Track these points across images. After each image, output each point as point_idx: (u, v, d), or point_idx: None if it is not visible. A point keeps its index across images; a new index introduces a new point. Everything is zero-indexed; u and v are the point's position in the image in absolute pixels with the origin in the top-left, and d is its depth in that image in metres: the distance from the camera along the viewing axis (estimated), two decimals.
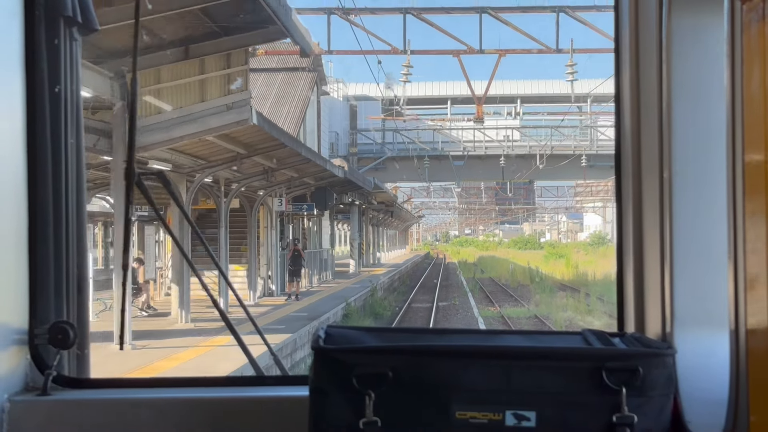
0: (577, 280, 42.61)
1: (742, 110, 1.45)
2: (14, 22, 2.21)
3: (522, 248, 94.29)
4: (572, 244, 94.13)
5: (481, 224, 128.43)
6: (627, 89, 2.01)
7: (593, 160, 43.46)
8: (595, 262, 49.53)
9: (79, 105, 2.42)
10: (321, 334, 1.74)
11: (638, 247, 1.98)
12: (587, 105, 44.77)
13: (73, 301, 2.35)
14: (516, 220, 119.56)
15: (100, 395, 2.24)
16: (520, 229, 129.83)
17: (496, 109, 46.94)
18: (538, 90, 52.89)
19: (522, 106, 48.13)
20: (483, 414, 1.63)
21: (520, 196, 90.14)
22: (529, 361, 1.67)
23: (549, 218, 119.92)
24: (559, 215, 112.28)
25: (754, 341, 1.44)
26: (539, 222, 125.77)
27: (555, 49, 20.91)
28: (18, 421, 2.11)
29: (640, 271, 1.98)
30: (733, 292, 1.49)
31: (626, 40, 2.01)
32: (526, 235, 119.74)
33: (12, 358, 2.20)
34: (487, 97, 29.31)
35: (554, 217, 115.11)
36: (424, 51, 26.34)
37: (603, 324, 25.00)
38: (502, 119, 46.80)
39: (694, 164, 1.85)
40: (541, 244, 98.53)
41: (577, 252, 68.77)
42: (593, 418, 1.64)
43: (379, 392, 1.62)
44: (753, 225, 1.43)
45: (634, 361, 1.66)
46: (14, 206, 2.21)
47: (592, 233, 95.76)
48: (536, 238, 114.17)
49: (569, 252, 67.79)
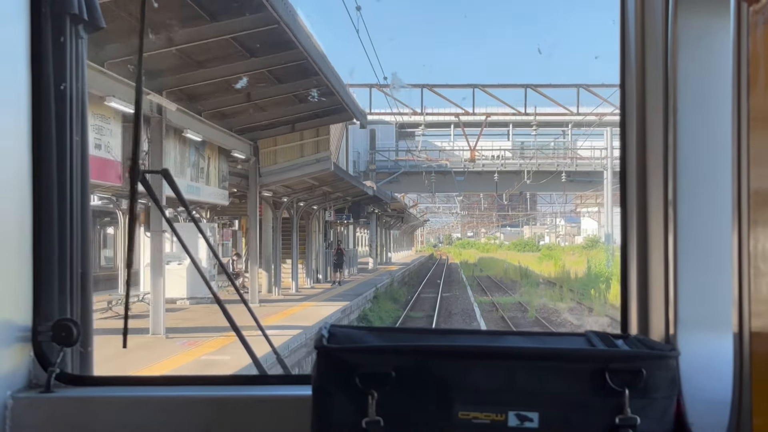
0: (559, 277, 48.75)
1: (748, 113, 1.40)
2: (20, 19, 2.18)
3: (521, 250, 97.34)
4: (568, 247, 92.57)
5: (483, 227, 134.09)
6: (633, 92, 1.97)
7: (573, 176, 51.58)
8: (581, 263, 53.73)
9: (85, 102, 2.37)
10: (324, 334, 1.71)
11: (642, 250, 1.94)
12: (569, 130, 52.94)
13: (76, 298, 2.33)
14: (517, 223, 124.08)
15: (103, 393, 2.20)
16: (520, 232, 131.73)
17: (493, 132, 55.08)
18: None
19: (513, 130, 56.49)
20: (486, 414, 1.60)
21: (518, 203, 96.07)
22: (532, 361, 1.64)
23: (549, 222, 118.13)
24: (557, 219, 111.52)
25: (757, 343, 1.39)
26: (540, 225, 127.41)
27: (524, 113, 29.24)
28: (21, 418, 2.09)
29: (644, 273, 1.94)
30: (737, 295, 1.43)
31: (632, 44, 1.98)
32: (525, 238, 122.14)
33: (15, 355, 2.16)
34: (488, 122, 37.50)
35: (553, 220, 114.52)
36: (435, 113, 35.77)
37: (568, 307, 32.20)
38: (497, 140, 55.04)
39: (699, 167, 1.81)
40: (539, 247, 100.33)
41: (572, 254, 70.56)
42: (596, 420, 1.61)
43: (381, 392, 1.60)
44: (758, 227, 1.37)
45: (638, 362, 1.63)
46: (18, 203, 2.17)
47: (587, 237, 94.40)
48: (535, 241, 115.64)
49: (560, 254, 69.97)
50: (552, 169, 50.60)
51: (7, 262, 2.14)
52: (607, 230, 51.91)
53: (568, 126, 51.71)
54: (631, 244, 1.99)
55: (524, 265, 59.07)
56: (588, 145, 50.78)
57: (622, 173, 2.03)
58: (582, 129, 50.77)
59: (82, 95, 2.34)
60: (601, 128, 45.52)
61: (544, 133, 54.11)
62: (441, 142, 55.92)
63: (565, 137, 53.34)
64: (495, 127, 53.92)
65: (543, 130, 53.35)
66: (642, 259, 1.95)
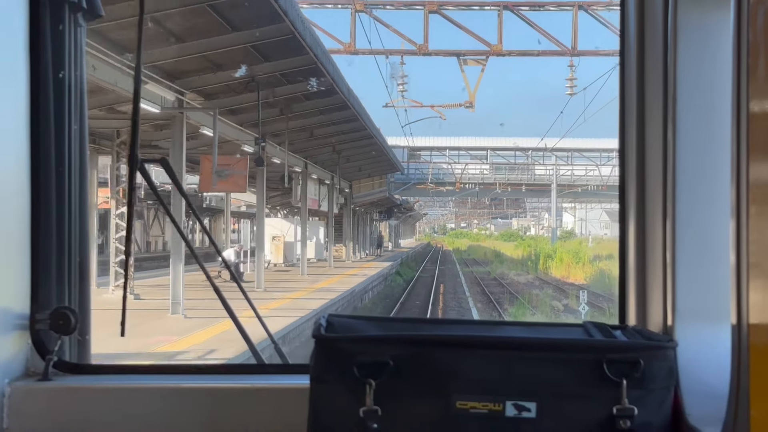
0: (522, 257, 66.12)
1: (748, 104, 1.38)
2: (19, 7, 2.15)
3: (507, 240, 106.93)
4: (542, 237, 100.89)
5: (475, 219, 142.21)
6: (633, 83, 1.95)
7: (531, 186, 73.01)
8: (547, 249, 65.77)
9: (83, 91, 2.34)
10: (322, 323, 1.70)
11: (640, 241, 1.93)
12: (530, 153, 74.64)
13: (74, 286, 2.31)
14: (507, 215, 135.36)
15: (100, 381, 2.20)
16: (509, 224, 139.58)
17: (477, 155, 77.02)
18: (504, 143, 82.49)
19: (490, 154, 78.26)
20: (483, 404, 1.60)
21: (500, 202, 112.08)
22: (530, 352, 1.64)
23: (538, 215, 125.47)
24: (542, 213, 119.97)
25: (755, 335, 1.38)
26: (531, 217, 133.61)
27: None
28: (18, 406, 2.08)
29: (642, 264, 1.93)
30: (735, 286, 1.42)
31: (632, 36, 1.96)
32: (513, 230, 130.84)
33: (13, 344, 2.15)
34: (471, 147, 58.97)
35: (538, 214, 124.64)
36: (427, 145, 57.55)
37: (516, 272, 52.28)
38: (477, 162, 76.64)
39: (698, 158, 1.79)
40: (523, 237, 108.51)
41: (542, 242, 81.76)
42: (593, 410, 1.61)
43: (379, 381, 1.60)
44: (756, 218, 1.37)
45: (635, 353, 1.62)
46: (17, 192, 2.16)
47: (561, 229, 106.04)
48: (520, 232, 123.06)
49: (533, 243, 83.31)
50: (517, 182, 72.34)
51: (5, 251, 2.13)
52: (554, 225, 75.02)
53: (529, 151, 73.49)
54: (629, 235, 1.97)
55: (501, 251, 78.33)
56: (543, 163, 72.59)
57: (621, 164, 2.01)
58: (539, 152, 72.41)
59: (81, 84, 2.32)
60: (551, 152, 67.35)
61: (507, 156, 76.12)
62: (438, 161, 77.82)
63: (527, 158, 75.20)
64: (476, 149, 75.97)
65: (506, 154, 75.37)
66: (640, 250, 1.93)
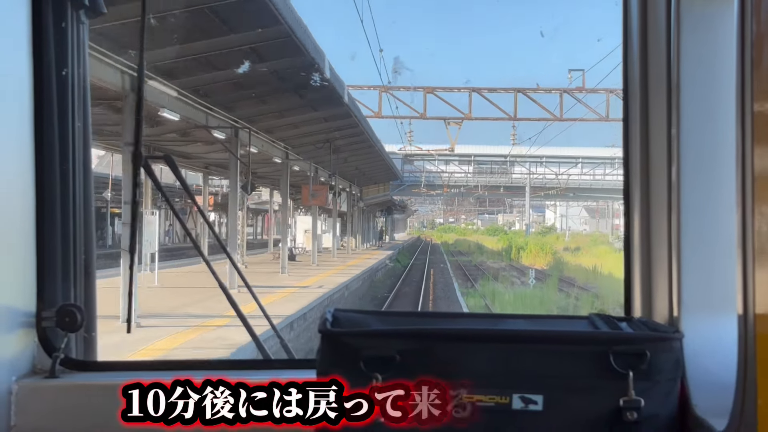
0: (501, 249, 73.91)
1: (752, 95, 1.37)
2: (21, 5, 2.14)
3: (492, 234, 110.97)
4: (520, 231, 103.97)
5: (463, 214, 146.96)
6: (636, 75, 1.95)
7: (509, 188, 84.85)
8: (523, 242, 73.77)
9: (86, 88, 2.34)
10: (328, 317, 1.71)
11: (645, 232, 1.93)
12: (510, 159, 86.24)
13: (80, 284, 2.31)
14: (493, 211, 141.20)
15: (107, 378, 2.18)
16: (495, 219, 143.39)
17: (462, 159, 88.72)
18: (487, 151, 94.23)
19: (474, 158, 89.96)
20: (490, 397, 1.60)
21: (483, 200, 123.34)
22: (536, 344, 1.64)
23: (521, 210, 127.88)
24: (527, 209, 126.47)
25: (762, 325, 1.37)
26: (517, 213, 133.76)
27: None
28: (25, 403, 2.08)
29: (648, 256, 1.92)
30: (741, 276, 1.41)
31: (635, 27, 1.95)
32: (498, 225, 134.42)
33: (20, 341, 2.15)
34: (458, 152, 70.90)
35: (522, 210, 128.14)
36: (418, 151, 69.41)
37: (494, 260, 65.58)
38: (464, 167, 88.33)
39: (703, 149, 1.79)
40: (506, 232, 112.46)
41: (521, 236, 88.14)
42: (600, 402, 1.61)
43: (385, 375, 1.60)
44: (761, 208, 1.36)
45: (641, 345, 1.62)
46: (21, 189, 2.15)
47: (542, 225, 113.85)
48: (505, 227, 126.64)
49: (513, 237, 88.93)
50: (496, 184, 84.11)
51: (11, 248, 2.12)
52: (527, 221, 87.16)
53: (507, 156, 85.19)
54: (634, 226, 1.97)
55: (484, 244, 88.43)
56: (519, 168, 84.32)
57: (626, 157, 2.00)
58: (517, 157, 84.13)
59: (83, 81, 2.31)
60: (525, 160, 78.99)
61: (489, 161, 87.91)
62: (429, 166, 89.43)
63: (506, 164, 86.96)
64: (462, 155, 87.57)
65: (486, 160, 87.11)
66: (645, 241, 1.93)
